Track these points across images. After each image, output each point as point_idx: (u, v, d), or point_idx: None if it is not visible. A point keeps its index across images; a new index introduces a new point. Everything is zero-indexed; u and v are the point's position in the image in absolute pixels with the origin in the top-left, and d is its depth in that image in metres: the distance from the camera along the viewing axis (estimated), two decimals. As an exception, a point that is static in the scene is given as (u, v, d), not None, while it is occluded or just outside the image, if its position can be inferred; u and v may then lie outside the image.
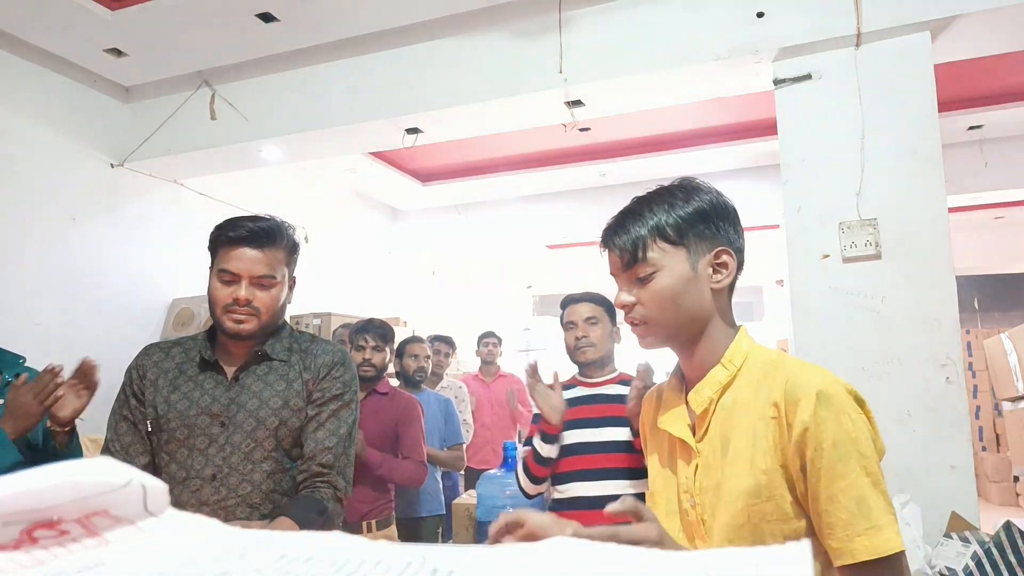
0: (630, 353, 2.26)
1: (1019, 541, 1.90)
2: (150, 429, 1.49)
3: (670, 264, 1.00)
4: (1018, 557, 1.87)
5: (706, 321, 1.03)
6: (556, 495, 2.15)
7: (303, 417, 1.50)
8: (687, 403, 1.05)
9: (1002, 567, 1.88)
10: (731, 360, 1.01)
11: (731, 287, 1.06)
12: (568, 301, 2.29)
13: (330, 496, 1.46)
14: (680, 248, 1.00)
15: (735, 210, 1.07)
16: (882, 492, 0.89)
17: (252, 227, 1.47)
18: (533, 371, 2.09)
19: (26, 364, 1.94)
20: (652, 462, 1.13)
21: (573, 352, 2.24)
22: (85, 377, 1.66)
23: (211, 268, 1.50)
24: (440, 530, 3.44)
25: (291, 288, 1.56)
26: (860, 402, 0.94)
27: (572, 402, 2.13)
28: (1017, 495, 6.46)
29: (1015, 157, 5.40)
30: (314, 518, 1.41)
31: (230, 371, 1.51)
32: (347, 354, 1.62)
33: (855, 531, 0.88)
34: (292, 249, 1.54)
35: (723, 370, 1.01)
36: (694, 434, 1.03)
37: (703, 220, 1.02)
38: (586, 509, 1.99)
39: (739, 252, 1.05)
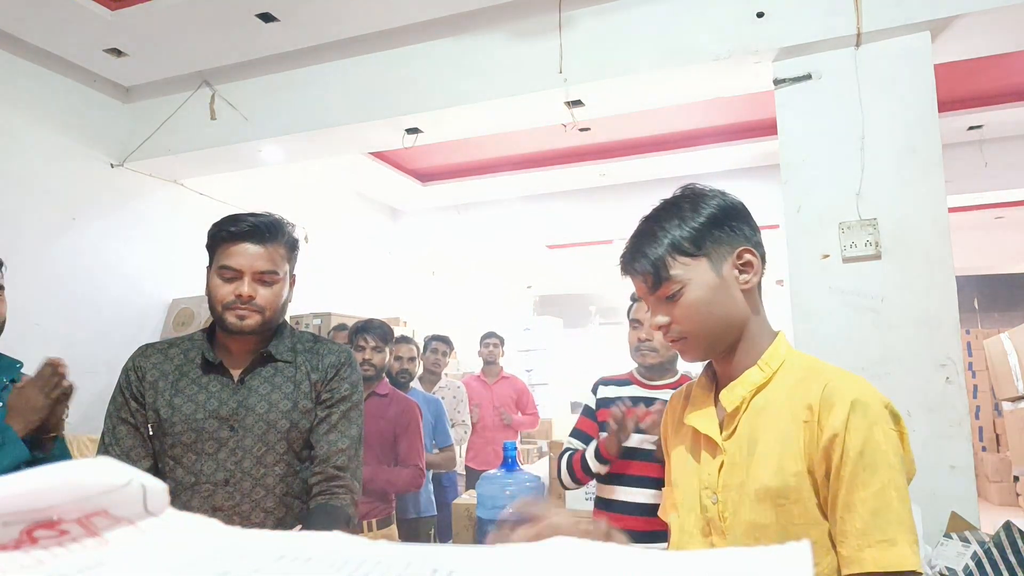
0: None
1: (1019, 541, 1.90)
2: (152, 433, 1.45)
3: (695, 276, 0.98)
4: (1018, 557, 1.87)
5: (744, 323, 1.01)
6: (599, 494, 2.13)
7: (312, 418, 1.49)
8: (717, 402, 1.04)
9: (1002, 567, 1.88)
10: (768, 363, 1.00)
11: (759, 284, 1.05)
12: (636, 298, 2.19)
13: (349, 502, 1.45)
14: (701, 258, 0.99)
15: (744, 206, 1.05)
16: (906, 509, 0.87)
17: (253, 222, 1.44)
18: (627, 413, 1.94)
19: (22, 370, 1.93)
20: (675, 459, 1.12)
21: (634, 352, 2.16)
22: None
23: (209, 266, 1.47)
24: (432, 531, 3.45)
25: (291, 286, 1.54)
26: (896, 417, 0.93)
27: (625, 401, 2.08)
28: (1017, 495, 6.46)
29: (1015, 157, 5.40)
30: (343, 530, 1.36)
31: (235, 373, 1.48)
32: (352, 354, 1.61)
33: (867, 541, 0.86)
34: (292, 246, 1.52)
35: (759, 371, 1.00)
36: (721, 432, 1.02)
37: (717, 225, 1.00)
38: (627, 514, 1.98)
39: (759, 247, 1.03)
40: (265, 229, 1.44)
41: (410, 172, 6.29)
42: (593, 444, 2.07)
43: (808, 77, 2.99)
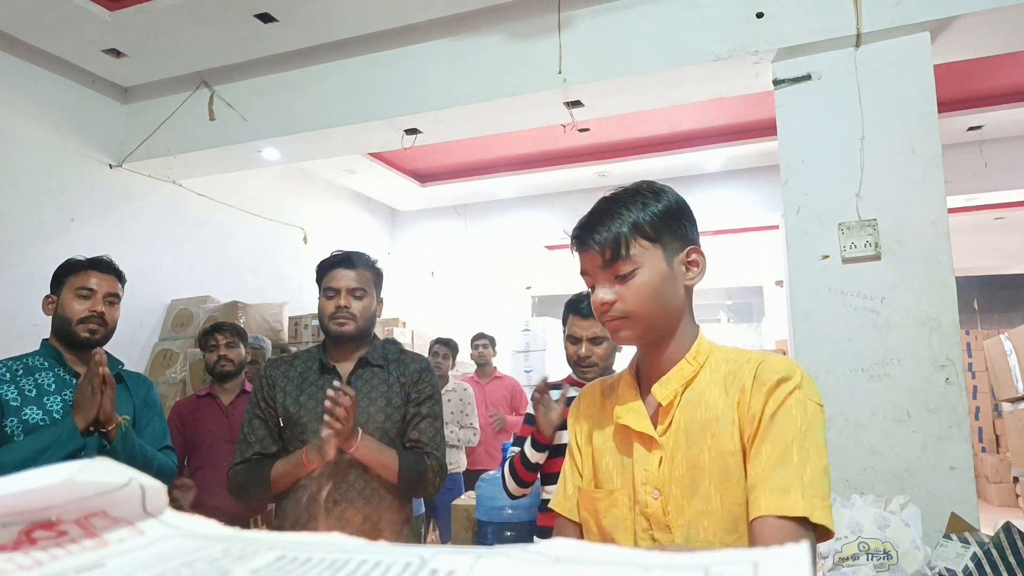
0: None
1: (1019, 542, 1.90)
2: (282, 424, 1.81)
3: (650, 262, 1.02)
4: (1018, 558, 1.87)
5: (679, 318, 1.06)
6: (544, 495, 2.14)
7: (403, 412, 1.84)
8: (649, 396, 1.07)
9: (1001, 568, 1.88)
10: (695, 357, 1.05)
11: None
12: (573, 311, 2.15)
13: (430, 466, 1.79)
14: (657, 246, 1.03)
15: (691, 208, 1.11)
16: (808, 467, 0.90)
17: (345, 252, 1.86)
18: (543, 388, 2.08)
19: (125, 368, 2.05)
20: (598, 457, 1.12)
21: (574, 366, 2.17)
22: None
23: (320, 292, 1.86)
24: (422, 530, 3.49)
25: (380, 305, 1.92)
26: (819, 398, 0.98)
27: (565, 402, 2.10)
28: (1016, 496, 6.46)
29: (1015, 157, 5.40)
30: (413, 468, 1.75)
31: (344, 375, 1.83)
32: (430, 361, 1.99)
33: (764, 490, 0.90)
34: (378, 274, 1.91)
35: (688, 365, 1.05)
36: (656, 427, 1.04)
37: (674, 219, 1.05)
38: None
39: (702, 252, 1.08)
40: (354, 257, 1.84)
41: (409, 173, 6.29)
42: (529, 438, 2.10)
43: (808, 77, 2.99)
